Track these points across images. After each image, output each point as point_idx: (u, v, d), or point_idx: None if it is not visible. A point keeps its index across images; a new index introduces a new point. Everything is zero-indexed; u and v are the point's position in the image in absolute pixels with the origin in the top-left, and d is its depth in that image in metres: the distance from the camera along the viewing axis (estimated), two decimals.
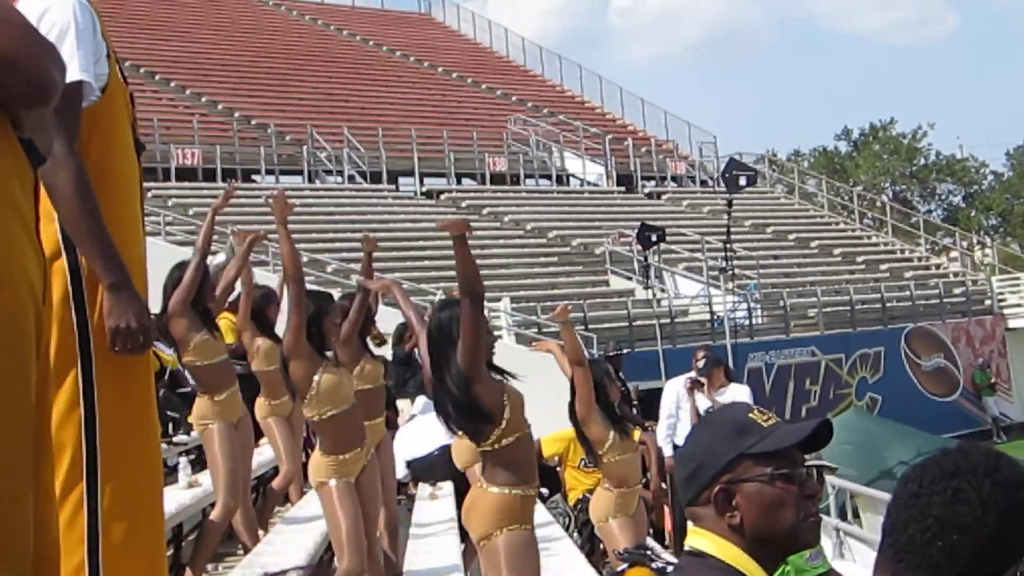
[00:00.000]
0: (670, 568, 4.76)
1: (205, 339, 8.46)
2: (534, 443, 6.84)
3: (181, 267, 8.62)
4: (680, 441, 13.54)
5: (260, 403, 10.49)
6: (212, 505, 8.82)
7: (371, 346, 9.73)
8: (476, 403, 6.28)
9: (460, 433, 6.83)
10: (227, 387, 8.68)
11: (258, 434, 10.87)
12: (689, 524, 3.23)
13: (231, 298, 10.93)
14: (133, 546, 4.06)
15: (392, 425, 13.87)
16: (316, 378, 7.64)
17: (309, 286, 8.45)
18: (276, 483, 10.76)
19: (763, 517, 3.01)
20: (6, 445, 2.60)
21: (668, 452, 14.04)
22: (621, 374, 15.56)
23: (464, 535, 8.39)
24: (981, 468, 2.56)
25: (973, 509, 2.52)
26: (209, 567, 9.23)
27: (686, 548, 3.15)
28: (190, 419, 8.83)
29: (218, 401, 8.55)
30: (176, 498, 8.94)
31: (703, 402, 13.50)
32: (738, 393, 13.87)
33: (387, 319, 13.98)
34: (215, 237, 9.04)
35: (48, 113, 2.90)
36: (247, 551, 9.19)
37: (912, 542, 2.52)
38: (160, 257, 8.30)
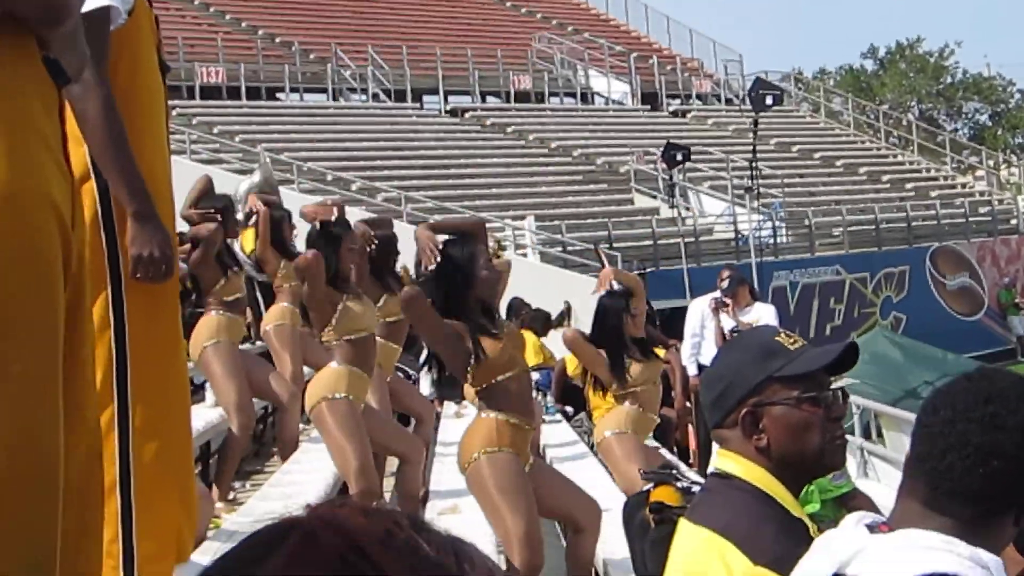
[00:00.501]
0: (695, 488, 4.78)
1: (222, 285, 8.60)
2: (529, 383, 6.68)
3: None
4: (705, 360, 13.57)
5: (273, 309, 10.36)
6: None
7: (391, 285, 9.51)
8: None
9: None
10: (238, 314, 8.80)
11: None
12: (715, 446, 3.25)
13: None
14: (163, 465, 4.11)
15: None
16: (339, 307, 7.62)
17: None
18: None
19: (790, 440, 3.04)
20: (32, 371, 2.62)
21: (692, 371, 14.06)
22: None
23: None
24: (1012, 393, 2.56)
25: (1012, 435, 2.51)
26: (236, 485, 9.30)
27: (712, 470, 3.18)
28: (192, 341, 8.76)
29: (230, 319, 8.62)
30: (203, 416, 8.99)
31: (728, 322, 13.50)
32: (763, 312, 13.86)
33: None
34: (239, 155, 9.08)
35: (77, 33, 2.90)
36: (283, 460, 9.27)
37: (951, 469, 2.51)
38: (185, 175, 8.34)
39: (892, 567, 2.43)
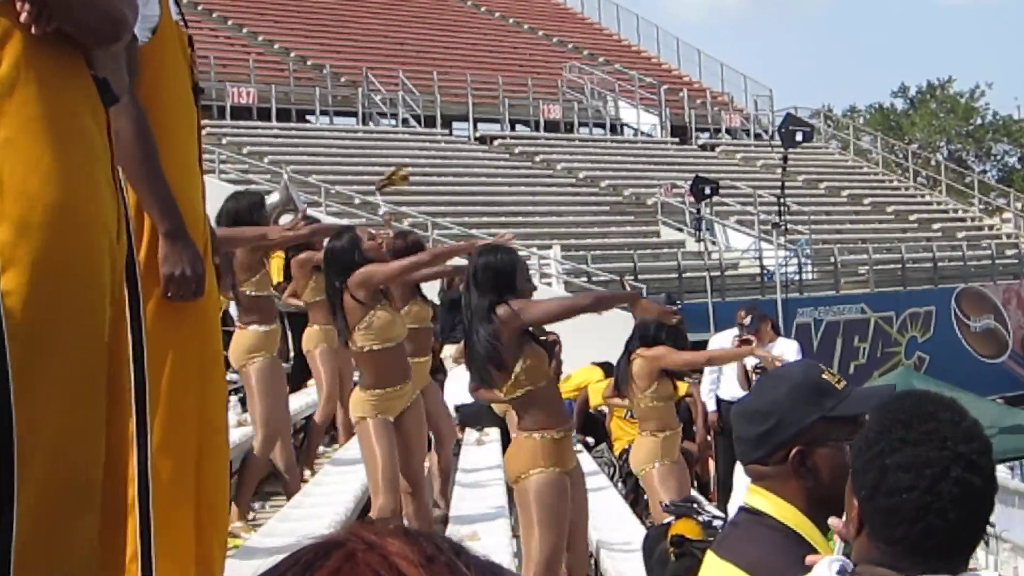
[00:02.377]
0: (716, 522, 4.75)
1: (261, 276, 8.64)
2: (557, 390, 6.95)
3: (237, 198, 8.68)
4: (724, 395, 13.59)
5: (310, 332, 10.51)
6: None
7: (421, 290, 9.71)
8: (500, 353, 6.42)
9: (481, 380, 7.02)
10: (273, 322, 8.80)
11: (307, 374, 10.92)
12: (739, 479, 3.21)
13: None
14: (182, 484, 4.07)
15: (439, 370, 13.88)
16: (370, 316, 7.67)
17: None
18: (317, 416, 10.80)
19: (836, 481, 2.98)
20: (79, 381, 2.65)
21: (711, 407, 14.09)
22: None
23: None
24: (962, 446, 2.51)
25: (982, 490, 2.51)
26: (255, 505, 9.27)
27: (743, 505, 3.13)
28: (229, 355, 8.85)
29: (265, 332, 8.63)
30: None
31: (750, 359, 13.42)
32: (786, 348, 13.81)
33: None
34: (268, 176, 9.13)
35: (121, 55, 2.94)
36: (288, 494, 9.22)
37: (939, 546, 2.50)
38: (212, 194, 8.32)
39: None
